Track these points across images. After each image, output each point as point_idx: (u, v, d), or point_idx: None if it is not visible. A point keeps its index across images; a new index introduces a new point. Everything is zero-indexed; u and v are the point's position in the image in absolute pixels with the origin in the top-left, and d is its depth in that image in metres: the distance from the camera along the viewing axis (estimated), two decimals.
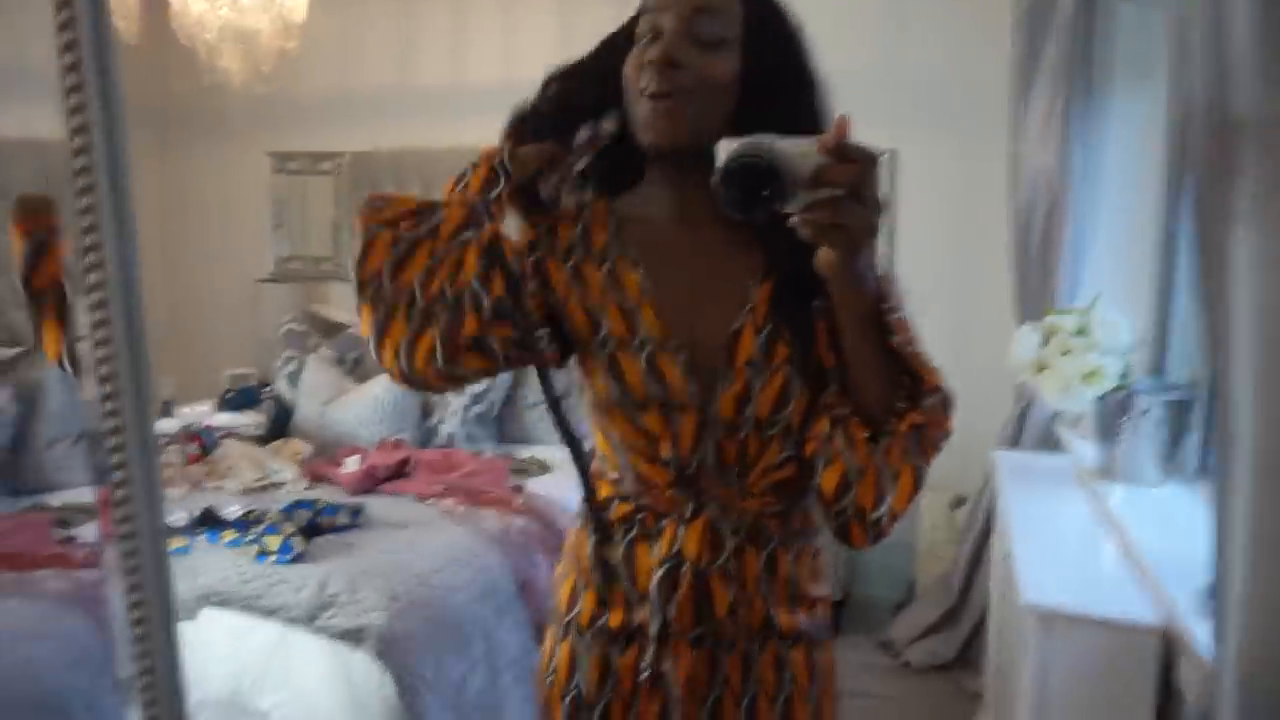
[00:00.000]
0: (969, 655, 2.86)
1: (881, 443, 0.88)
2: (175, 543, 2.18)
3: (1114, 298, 2.11)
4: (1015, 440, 2.78)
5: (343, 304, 3.96)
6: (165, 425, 3.15)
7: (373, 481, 2.72)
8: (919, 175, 3.09)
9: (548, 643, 1.07)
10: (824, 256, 0.80)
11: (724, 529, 0.96)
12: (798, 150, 0.77)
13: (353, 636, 1.79)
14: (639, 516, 0.99)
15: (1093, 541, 1.83)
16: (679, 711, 0.96)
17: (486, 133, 0.99)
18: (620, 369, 0.95)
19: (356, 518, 2.36)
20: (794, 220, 0.78)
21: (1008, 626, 2.05)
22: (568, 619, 1.04)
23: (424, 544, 2.22)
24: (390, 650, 1.77)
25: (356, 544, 2.21)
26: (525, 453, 3.05)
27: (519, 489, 2.67)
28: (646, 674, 0.96)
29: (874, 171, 0.77)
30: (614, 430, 0.98)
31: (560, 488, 2.60)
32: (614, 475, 1.02)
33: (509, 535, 2.34)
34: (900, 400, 0.88)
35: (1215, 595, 0.84)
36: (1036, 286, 2.66)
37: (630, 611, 0.99)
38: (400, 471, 2.79)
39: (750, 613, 0.97)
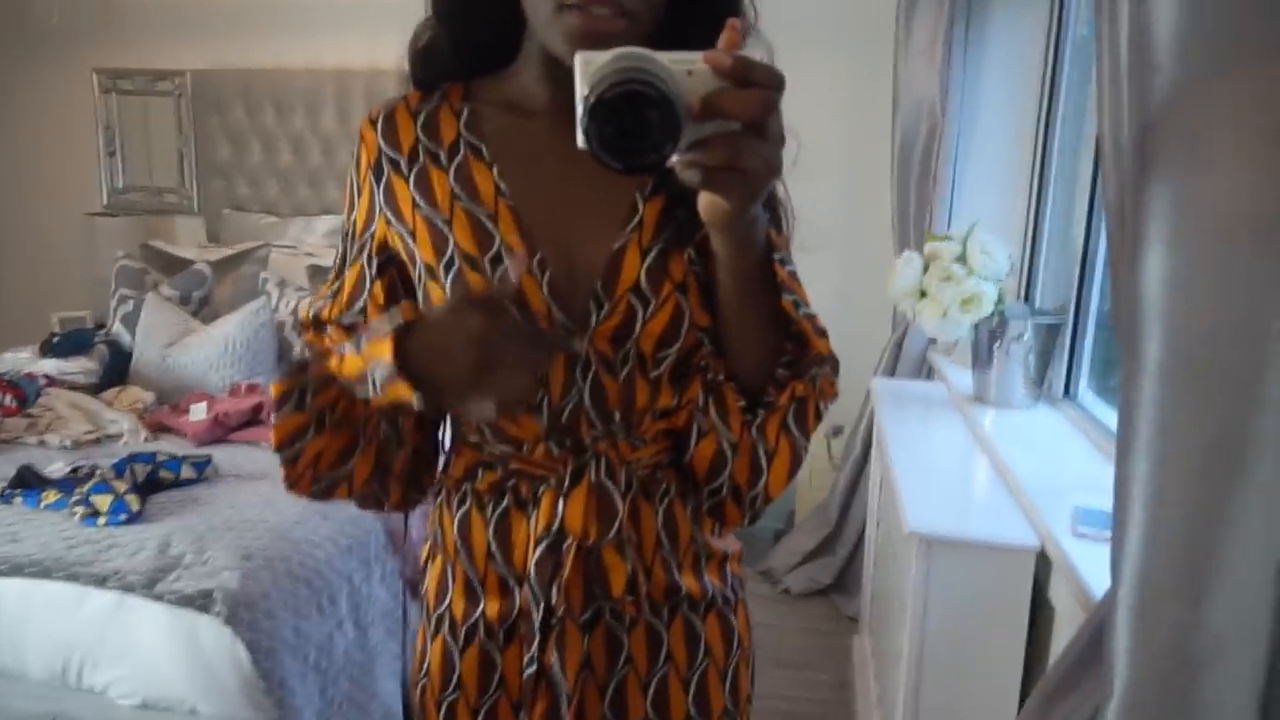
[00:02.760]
0: (845, 580, 2.93)
1: (759, 416, 0.77)
2: None
3: (986, 226, 2.13)
4: (892, 368, 2.82)
5: (188, 238, 3.62)
6: None
7: (222, 430, 2.51)
8: (802, 93, 3.05)
9: (419, 640, 0.91)
10: (710, 205, 0.63)
11: (613, 491, 0.81)
12: (682, 69, 0.56)
13: (200, 601, 1.63)
14: (510, 484, 0.83)
15: (968, 466, 1.86)
16: (569, 708, 0.81)
17: (346, 52, 0.84)
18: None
19: (202, 471, 2.15)
20: (674, 161, 0.58)
21: (885, 551, 2.07)
22: (438, 612, 0.88)
23: (281, 497, 2.01)
24: (243, 613, 1.62)
25: (203, 499, 2.02)
26: None
27: None
28: (532, 670, 0.81)
29: (779, 99, 0.58)
30: None
31: None
32: (474, 438, 0.85)
33: None
34: (782, 367, 0.77)
35: (1115, 508, 0.82)
36: (915, 213, 2.67)
37: (508, 597, 0.83)
38: (254, 418, 2.58)
39: (652, 583, 0.84)
